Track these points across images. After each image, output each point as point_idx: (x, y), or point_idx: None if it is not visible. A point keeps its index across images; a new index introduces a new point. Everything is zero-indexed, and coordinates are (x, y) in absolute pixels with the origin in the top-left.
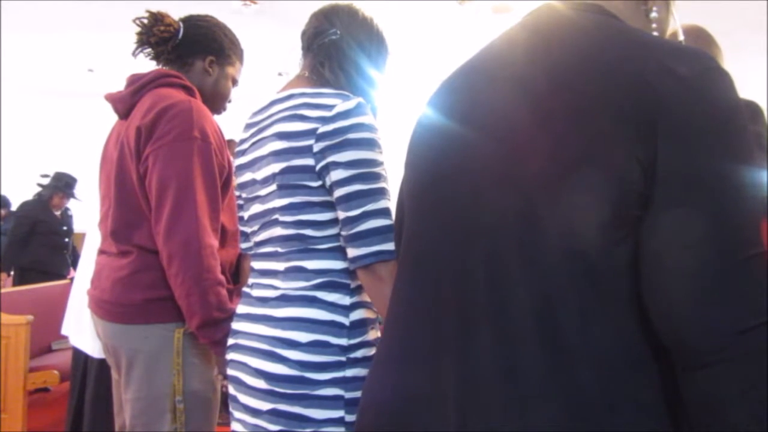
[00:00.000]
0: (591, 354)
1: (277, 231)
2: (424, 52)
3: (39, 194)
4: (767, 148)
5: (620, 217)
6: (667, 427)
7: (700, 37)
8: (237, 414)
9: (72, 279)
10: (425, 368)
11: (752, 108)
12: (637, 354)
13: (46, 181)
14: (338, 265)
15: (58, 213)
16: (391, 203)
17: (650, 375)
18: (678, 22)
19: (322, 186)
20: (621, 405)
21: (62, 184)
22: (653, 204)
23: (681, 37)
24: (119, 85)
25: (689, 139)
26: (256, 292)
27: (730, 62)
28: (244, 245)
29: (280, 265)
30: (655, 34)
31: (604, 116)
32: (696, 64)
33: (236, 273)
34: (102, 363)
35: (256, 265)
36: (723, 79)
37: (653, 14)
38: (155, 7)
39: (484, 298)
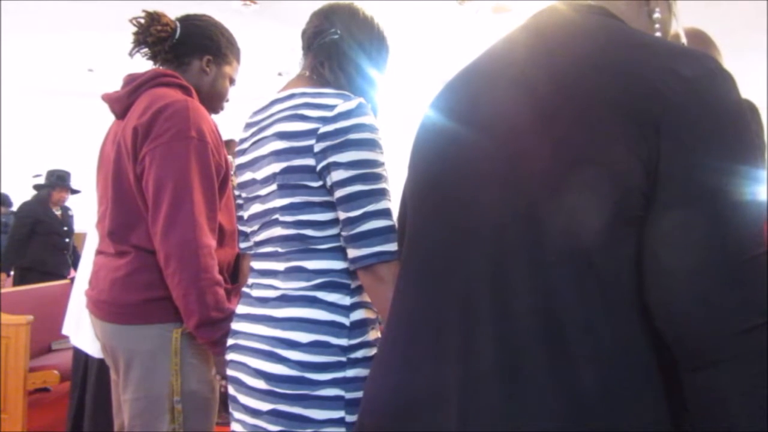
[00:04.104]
0: (593, 353)
1: (277, 231)
2: (424, 52)
3: (36, 194)
4: (764, 147)
5: (623, 217)
6: (668, 426)
7: (699, 39)
8: (237, 414)
9: (72, 279)
10: (427, 368)
11: (748, 107)
12: (639, 353)
13: (39, 181)
14: (338, 265)
15: (59, 212)
16: (392, 204)
17: (652, 374)
18: (680, 23)
19: (323, 186)
20: (622, 404)
21: (55, 179)
22: (656, 204)
23: (683, 40)
24: (119, 85)
25: (692, 140)
26: (256, 293)
27: (730, 62)
28: (243, 245)
29: (280, 265)
30: (658, 35)
31: (607, 117)
32: (699, 66)
33: (234, 273)
34: (102, 363)
35: (256, 265)
36: (726, 81)
37: (656, 15)
38: (154, 7)
39: (487, 298)
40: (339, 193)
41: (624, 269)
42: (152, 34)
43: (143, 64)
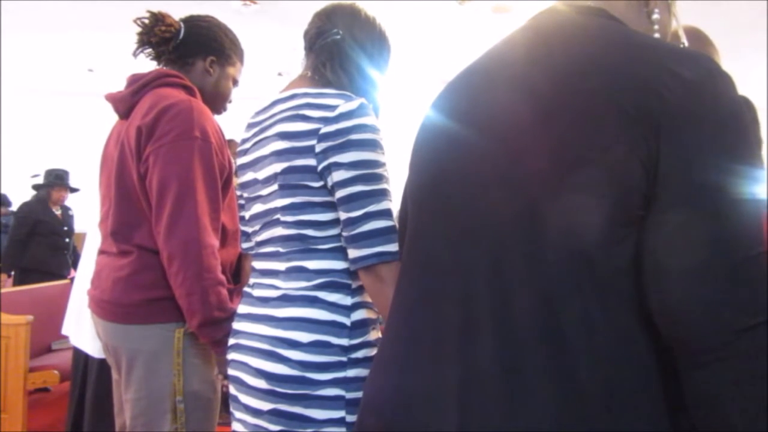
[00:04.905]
0: (592, 353)
1: (279, 231)
2: (424, 52)
3: (36, 194)
4: (762, 145)
5: (622, 217)
6: (667, 425)
7: (696, 38)
8: (238, 414)
9: (72, 279)
10: (427, 368)
11: (744, 103)
12: (637, 353)
13: (37, 181)
14: (339, 265)
15: (58, 212)
16: (393, 204)
17: (650, 374)
18: (679, 23)
19: (324, 186)
20: (621, 404)
21: (53, 178)
22: (655, 204)
23: (683, 40)
24: (119, 85)
25: (692, 140)
26: (257, 292)
27: (730, 62)
28: (245, 245)
29: (281, 265)
30: (657, 35)
31: (607, 117)
32: (699, 68)
33: (237, 272)
34: (102, 363)
35: (258, 265)
36: (725, 82)
37: (655, 16)
38: (156, 7)
39: (487, 298)
40: (340, 193)
41: (623, 269)
42: (156, 34)
43: (145, 64)
